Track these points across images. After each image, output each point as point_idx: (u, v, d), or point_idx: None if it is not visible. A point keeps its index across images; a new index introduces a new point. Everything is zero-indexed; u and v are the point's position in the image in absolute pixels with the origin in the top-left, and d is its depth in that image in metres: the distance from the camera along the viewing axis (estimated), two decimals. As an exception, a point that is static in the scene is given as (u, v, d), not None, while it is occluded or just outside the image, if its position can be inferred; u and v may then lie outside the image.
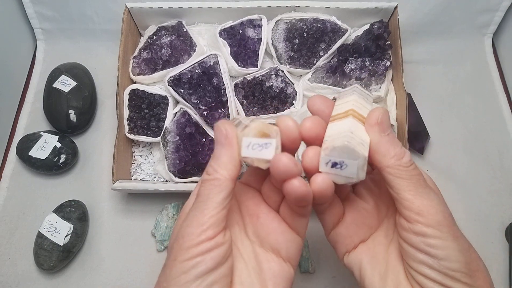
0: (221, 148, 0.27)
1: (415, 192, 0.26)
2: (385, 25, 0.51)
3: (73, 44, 0.62)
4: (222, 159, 0.27)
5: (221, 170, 0.27)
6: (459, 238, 0.26)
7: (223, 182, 0.27)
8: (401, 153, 0.26)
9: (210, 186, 0.27)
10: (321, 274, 0.48)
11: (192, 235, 0.26)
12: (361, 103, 0.29)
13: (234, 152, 0.27)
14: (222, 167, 0.27)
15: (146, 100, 0.51)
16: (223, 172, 0.27)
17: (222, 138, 0.27)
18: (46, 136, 0.52)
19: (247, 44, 0.52)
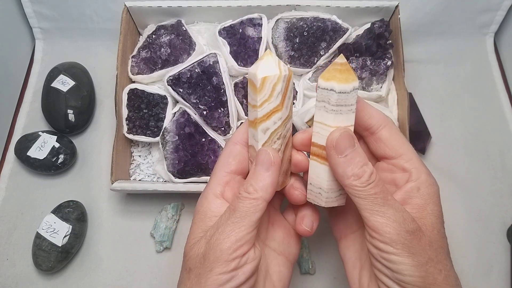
0: (265, 172, 0.30)
1: (371, 211, 0.28)
2: (386, 24, 0.51)
3: (72, 44, 0.61)
4: (265, 182, 0.29)
5: (262, 192, 0.29)
6: (415, 254, 0.27)
7: (261, 203, 0.29)
8: (359, 174, 0.28)
9: (249, 205, 0.29)
10: (322, 275, 0.48)
11: (230, 249, 0.27)
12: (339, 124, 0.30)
13: (276, 179, 0.30)
14: (264, 190, 0.29)
15: (145, 100, 0.50)
16: (263, 195, 0.29)
17: (268, 163, 0.30)
18: (45, 136, 0.52)
19: (247, 43, 0.51)
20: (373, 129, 0.31)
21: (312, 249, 0.48)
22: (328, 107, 0.29)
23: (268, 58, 0.30)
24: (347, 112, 0.29)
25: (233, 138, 0.33)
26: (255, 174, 0.30)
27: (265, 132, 0.31)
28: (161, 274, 0.48)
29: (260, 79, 0.29)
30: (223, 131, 0.49)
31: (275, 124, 0.31)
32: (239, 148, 0.32)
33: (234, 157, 0.32)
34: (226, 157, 0.32)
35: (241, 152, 0.32)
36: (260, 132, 0.31)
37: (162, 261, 0.49)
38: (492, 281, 0.47)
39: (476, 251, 0.49)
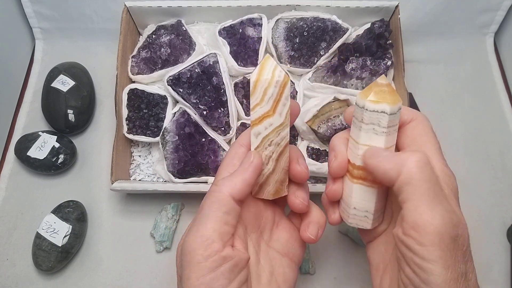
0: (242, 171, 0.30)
1: (417, 204, 0.24)
2: (386, 24, 0.51)
3: (72, 44, 0.61)
4: (236, 179, 0.29)
5: (229, 188, 0.29)
6: (450, 266, 0.23)
7: (226, 198, 0.28)
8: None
9: (213, 199, 0.29)
10: (322, 275, 0.48)
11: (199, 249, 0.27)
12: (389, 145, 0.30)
13: (251, 179, 0.29)
14: (231, 186, 0.29)
15: (145, 100, 0.50)
16: (229, 190, 0.29)
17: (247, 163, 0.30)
18: (45, 136, 0.52)
19: (247, 43, 0.51)
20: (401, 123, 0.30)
21: (312, 249, 0.48)
22: (379, 129, 0.28)
23: (266, 62, 0.30)
24: (394, 131, 0.29)
25: (238, 140, 0.33)
26: (232, 173, 0.30)
27: (257, 136, 0.31)
28: (161, 274, 0.48)
29: (252, 82, 0.30)
30: (223, 131, 0.49)
31: (266, 130, 0.31)
32: (244, 151, 0.32)
33: (239, 159, 0.32)
34: (231, 159, 0.32)
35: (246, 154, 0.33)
36: (253, 136, 0.31)
37: (162, 261, 0.49)
38: (492, 281, 0.47)
39: (476, 251, 0.49)
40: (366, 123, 0.29)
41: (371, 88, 0.29)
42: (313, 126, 0.47)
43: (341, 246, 0.49)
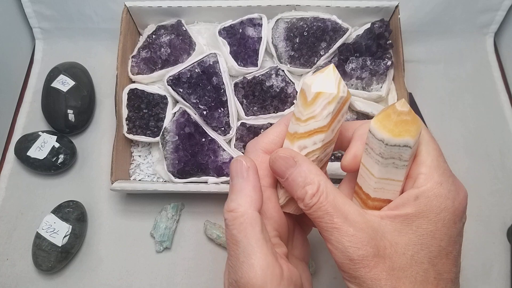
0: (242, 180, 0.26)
1: (322, 235, 0.26)
2: (386, 24, 0.51)
3: (72, 44, 0.61)
4: (245, 190, 0.26)
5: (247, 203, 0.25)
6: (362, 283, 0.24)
7: (252, 215, 0.25)
8: (301, 196, 0.25)
9: (242, 226, 0.25)
10: (322, 275, 0.48)
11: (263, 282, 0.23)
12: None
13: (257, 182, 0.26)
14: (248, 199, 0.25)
15: (145, 100, 0.50)
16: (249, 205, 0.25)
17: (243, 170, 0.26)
18: (45, 136, 0.52)
19: (247, 43, 0.51)
20: None
21: (312, 249, 0.48)
22: (399, 163, 0.25)
23: (329, 73, 0.27)
24: (412, 159, 0.26)
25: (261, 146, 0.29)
26: (232, 188, 0.26)
27: (301, 150, 0.28)
28: (161, 274, 0.48)
29: (313, 93, 0.26)
30: (223, 131, 0.49)
31: (315, 145, 0.28)
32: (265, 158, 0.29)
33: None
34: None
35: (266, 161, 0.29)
36: (296, 149, 0.28)
37: (162, 261, 0.49)
38: (492, 281, 0.47)
39: (476, 251, 0.49)
40: (385, 158, 0.25)
41: (390, 117, 0.24)
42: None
43: (341, 246, 0.49)
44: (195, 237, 0.50)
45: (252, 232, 0.25)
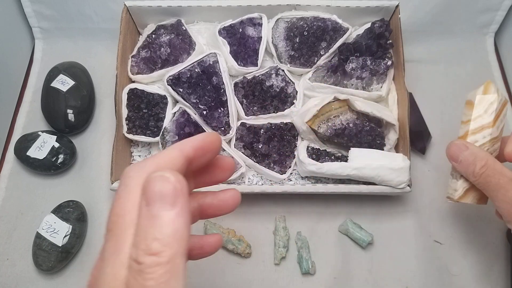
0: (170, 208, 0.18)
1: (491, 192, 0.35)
2: (386, 24, 0.51)
3: (72, 43, 0.61)
4: (174, 226, 0.18)
5: (177, 245, 0.18)
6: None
7: (180, 263, 0.18)
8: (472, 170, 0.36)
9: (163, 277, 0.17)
10: (322, 275, 0.48)
11: None
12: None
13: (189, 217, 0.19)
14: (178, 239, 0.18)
15: (145, 100, 0.50)
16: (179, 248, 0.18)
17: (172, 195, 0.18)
18: (44, 136, 0.52)
19: (247, 43, 0.51)
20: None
21: (312, 249, 0.48)
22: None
23: (489, 86, 0.37)
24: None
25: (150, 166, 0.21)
26: (155, 219, 0.18)
27: (474, 143, 0.36)
28: (161, 274, 0.48)
29: (479, 97, 0.37)
30: (223, 131, 0.49)
31: (484, 139, 0.37)
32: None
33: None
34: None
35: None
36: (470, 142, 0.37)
37: (162, 261, 0.49)
38: (492, 281, 0.47)
39: (476, 251, 0.49)
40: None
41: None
42: (313, 126, 0.47)
43: (341, 246, 0.49)
44: (195, 237, 0.50)
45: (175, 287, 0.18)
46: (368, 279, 0.48)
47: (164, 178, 0.18)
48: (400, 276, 0.48)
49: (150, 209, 0.18)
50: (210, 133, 0.24)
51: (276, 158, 0.48)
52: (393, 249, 0.49)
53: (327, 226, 0.50)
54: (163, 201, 0.18)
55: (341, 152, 0.49)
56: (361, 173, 0.45)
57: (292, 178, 0.50)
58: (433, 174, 0.53)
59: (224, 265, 0.48)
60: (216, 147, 0.24)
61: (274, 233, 0.49)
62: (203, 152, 0.23)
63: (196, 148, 0.22)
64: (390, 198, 0.51)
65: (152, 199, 0.18)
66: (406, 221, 0.50)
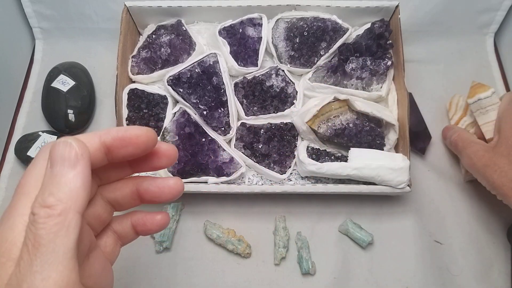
0: (71, 170, 0.20)
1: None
2: (386, 24, 0.51)
3: (72, 43, 0.61)
4: (71, 185, 0.20)
5: (71, 201, 0.20)
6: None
7: (74, 218, 0.20)
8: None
9: (56, 227, 0.19)
10: (322, 275, 0.48)
11: None
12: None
13: (88, 179, 0.21)
14: (73, 197, 0.20)
15: (145, 100, 0.50)
16: (73, 204, 0.20)
17: (73, 159, 0.20)
18: (45, 136, 0.52)
19: (247, 43, 0.51)
20: None
21: (312, 249, 0.48)
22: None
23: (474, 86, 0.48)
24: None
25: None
26: (54, 177, 0.20)
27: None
28: (161, 274, 0.48)
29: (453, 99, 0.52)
30: (223, 131, 0.49)
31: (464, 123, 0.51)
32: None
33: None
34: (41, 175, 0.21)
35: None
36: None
37: (162, 261, 0.49)
38: (492, 281, 0.47)
39: (476, 251, 0.49)
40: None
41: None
42: (313, 126, 0.47)
43: (341, 246, 0.49)
44: (195, 237, 0.50)
45: (65, 239, 0.19)
46: (368, 279, 0.48)
47: (67, 143, 0.21)
48: (400, 276, 0.48)
49: (52, 170, 0.20)
50: (138, 127, 0.24)
51: (276, 158, 0.49)
52: (393, 249, 0.49)
53: (327, 226, 0.50)
54: (64, 163, 0.20)
55: (341, 152, 0.49)
56: (361, 173, 0.45)
57: (292, 178, 0.50)
58: (433, 174, 0.53)
59: (224, 265, 0.48)
60: (141, 141, 0.24)
61: (274, 233, 0.49)
62: (123, 144, 0.23)
63: (115, 138, 0.23)
64: (390, 198, 0.51)
65: (55, 161, 0.20)
66: (406, 221, 0.50)
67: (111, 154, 0.24)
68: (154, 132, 0.24)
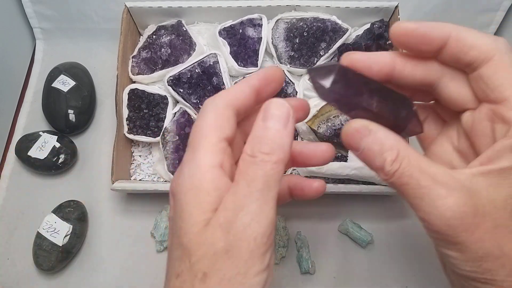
0: (283, 129, 0.22)
1: (410, 203, 0.22)
2: (385, 25, 0.51)
3: (72, 44, 0.62)
4: (282, 140, 0.22)
5: (282, 154, 0.22)
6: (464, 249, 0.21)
7: (282, 169, 0.22)
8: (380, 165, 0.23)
9: (271, 171, 0.22)
10: (322, 274, 0.48)
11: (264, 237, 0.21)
12: None
13: (292, 138, 0.23)
14: (284, 150, 0.22)
15: (146, 100, 0.50)
16: (284, 157, 0.22)
17: (286, 118, 0.23)
18: (45, 136, 0.52)
19: (247, 43, 0.52)
20: (475, 64, 0.23)
21: (312, 249, 0.49)
22: None
23: None
24: None
25: (224, 98, 0.25)
26: (269, 131, 0.22)
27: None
28: (162, 273, 0.48)
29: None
30: (223, 131, 0.49)
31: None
32: (232, 114, 0.25)
33: (228, 121, 0.24)
34: (218, 120, 0.24)
35: (234, 118, 0.25)
36: None
37: (163, 261, 0.49)
38: (492, 280, 0.47)
39: (476, 251, 0.49)
40: None
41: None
42: (312, 126, 0.47)
43: (341, 246, 0.49)
44: (195, 237, 0.50)
45: (276, 183, 0.22)
46: (368, 279, 0.48)
47: (282, 104, 0.23)
48: (400, 276, 0.48)
49: (266, 123, 0.22)
50: (270, 67, 0.27)
51: (276, 158, 0.49)
52: (393, 249, 0.49)
53: (327, 226, 0.50)
54: (279, 120, 0.22)
55: (340, 152, 0.50)
56: (361, 173, 0.45)
57: (292, 178, 0.50)
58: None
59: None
60: (278, 77, 0.27)
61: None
62: (267, 82, 0.26)
63: (260, 79, 0.26)
64: (390, 198, 0.51)
65: (269, 116, 0.23)
66: (406, 221, 0.50)
67: (259, 95, 0.26)
68: (281, 69, 0.28)
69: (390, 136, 0.23)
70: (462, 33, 0.23)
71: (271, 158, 0.22)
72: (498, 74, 0.22)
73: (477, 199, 0.21)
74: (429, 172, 0.22)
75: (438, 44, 0.23)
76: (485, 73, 0.23)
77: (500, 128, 0.23)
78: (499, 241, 0.21)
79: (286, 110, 0.23)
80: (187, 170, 0.23)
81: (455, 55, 0.23)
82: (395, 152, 0.22)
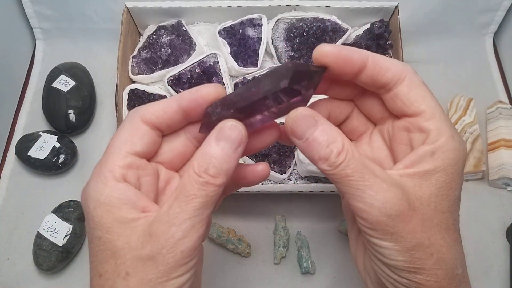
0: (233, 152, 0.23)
1: (349, 195, 0.24)
2: (385, 25, 0.51)
3: (72, 44, 0.62)
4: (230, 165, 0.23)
5: (226, 178, 0.23)
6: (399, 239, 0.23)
7: (220, 192, 0.23)
8: (325, 156, 0.23)
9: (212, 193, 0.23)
10: (322, 274, 0.48)
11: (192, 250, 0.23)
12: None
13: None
14: (228, 175, 0.23)
15: (146, 100, 0.50)
16: (225, 181, 0.23)
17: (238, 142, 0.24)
18: (45, 136, 0.52)
19: (247, 43, 0.52)
20: (390, 85, 0.25)
21: (312, 249, 0.49)
22: None
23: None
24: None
25: (141, 113, 0.25)
26: (219, 152, 0.23)
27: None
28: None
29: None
30: (223, 131, 0.49)
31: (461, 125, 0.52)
32: (148, 130, 0.25)
33: (141, 137, 0.25)
34: (130, 135, 0.25)
35: (150, 134, 0.25)
36: None
37: (163, 261, 0.49)
38: (492, 281, 0.47)
39: (476, 251, 0.49)
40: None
41: None
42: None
43: (341, 246, 0.49)
44: (195, 237, 0.50)
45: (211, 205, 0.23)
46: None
47: (236, 127, 0.24)
48: (400, 276, 0.48)
49: (219, 144, 0.23)
50: (207, 85, 0.26)
51: (276, 158, 0.49)
52: (393, 249, 0.49)
53: (327, 226, 0.50)
54: (232, 143, 0.23)
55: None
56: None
57: (292, 178, 0.50)
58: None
59: (224, 265, 0.48)
60: (212, 98, 0.25)
61: (274, 233, 0.49)
62: (197, 104, 0.25)
63: (189, 100, 0.25)
64: (389, 198, 0.51)
65: (223, 138, 0.23)
66: (405, 221, 0.50)
67: (188, 115, 0.26)
68: (223, 87, 0.26)
69: (335, 129, 0.24)
70: (377, 57, 0.25)
71: (215, 181, 0.23)
72: (412, 91, 0.25)
73: (408, 195, 0.24)
74: (370, 167, 0.24)
75: (359, 66, 0.25)
76: (400, 91, 0.25)
77: (417, 137, 0.25)
78: (427, 232, 0.24)
79: (240, 134, 0.23)
80: (93, 184, 0.25)
81: (374, 77, 0.25)
82: (340, 144, 0.23)
